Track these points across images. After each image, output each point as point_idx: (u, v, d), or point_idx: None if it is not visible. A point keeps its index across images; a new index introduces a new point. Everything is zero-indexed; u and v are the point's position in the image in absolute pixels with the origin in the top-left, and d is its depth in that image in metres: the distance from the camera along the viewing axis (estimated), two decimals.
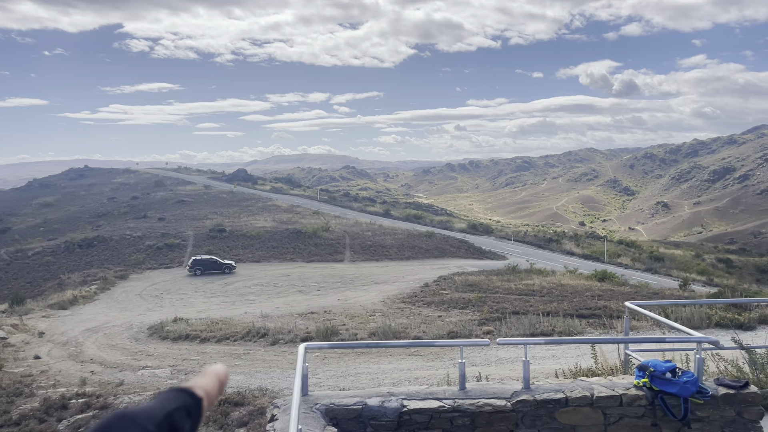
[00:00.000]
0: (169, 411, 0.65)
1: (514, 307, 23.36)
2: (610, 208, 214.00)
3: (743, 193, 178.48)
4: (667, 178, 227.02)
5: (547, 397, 4.36)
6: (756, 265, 71.26)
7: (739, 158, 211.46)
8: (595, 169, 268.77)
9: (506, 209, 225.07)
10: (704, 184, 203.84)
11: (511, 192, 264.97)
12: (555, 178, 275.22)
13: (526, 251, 55.75)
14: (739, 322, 14.48)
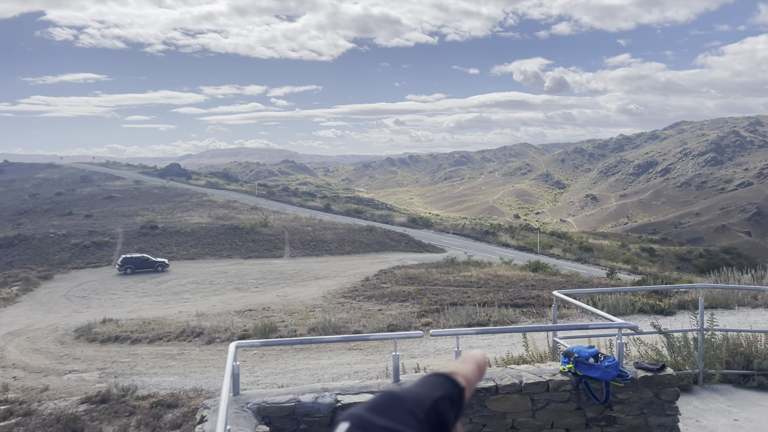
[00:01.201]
0: (436, 399, 0.62)
1: (453, 299, 23.80)
2: (543, 201, 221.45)
3: (665, 185, 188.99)
4: (596, 172, 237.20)
5: (479, 385, 4.45)
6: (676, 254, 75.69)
7: (661, 153, 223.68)
8: (529, 164, 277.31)
9: (445, 203, 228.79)
10: (629, 178, 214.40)
11: (450, 186, 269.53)
12: (491, 172, 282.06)
13: (465, 244, 56.87)
14: (660, 307, 15.28)
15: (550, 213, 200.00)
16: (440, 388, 0.63)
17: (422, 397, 0.61)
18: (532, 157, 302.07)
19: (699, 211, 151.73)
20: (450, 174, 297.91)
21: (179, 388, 12.73)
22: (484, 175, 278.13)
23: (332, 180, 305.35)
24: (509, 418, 4.46)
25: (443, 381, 0.65)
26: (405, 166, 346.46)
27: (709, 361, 7.89)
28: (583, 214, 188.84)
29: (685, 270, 55.38)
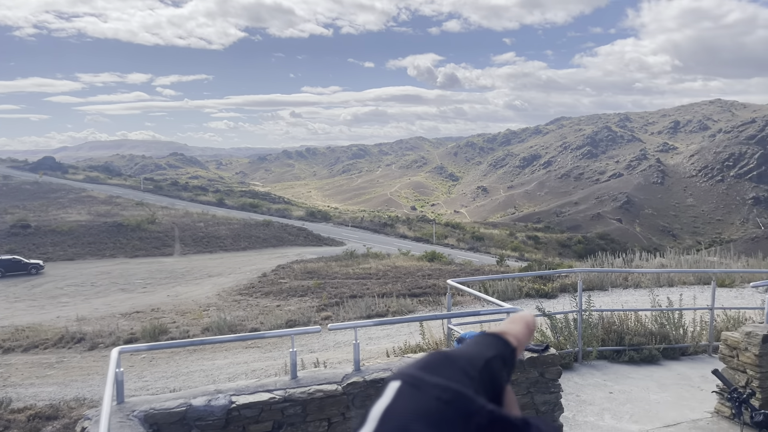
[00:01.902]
0: (489, 358, 0.60)
1: (352, 291, 23.92)
2: (438, 193, 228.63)
3: (547, 177, 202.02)
4: (486, 165, 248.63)
5: (376, 376, 4.49)
6: (558, 241, 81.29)
7: (544, 146, 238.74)
8: (424, 157, 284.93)
9: (344, 196, 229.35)
10: (516, 170, 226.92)
11: (348, 179, 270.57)
12: (388, 165, 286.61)
13: (363, 236, 57.37)
14: (544, 291, 16.32)
15: (444, 204, 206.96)
16: (492, 348, 0.62)
17: (474, 356, 0.59)
18: (427, 150, 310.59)
19: (577, 201, 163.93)
20: (348, 167, 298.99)
21: (59, 399, 11.77)
22: (381, 168, 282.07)
23: (226, 173, 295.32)
24: None
25: (494, 341, 0.63)
26: (302, 158, 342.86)
27: (587, 340, 8.53)
28: (475, 205, 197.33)
29: (566, 255, 59.34)
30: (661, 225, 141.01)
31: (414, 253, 40.10)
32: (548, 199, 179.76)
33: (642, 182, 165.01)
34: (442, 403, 0.52)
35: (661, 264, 19.37)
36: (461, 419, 0.52)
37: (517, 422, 0.53)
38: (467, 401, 0.53)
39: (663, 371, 8.11)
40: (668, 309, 9.19)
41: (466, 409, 0.53)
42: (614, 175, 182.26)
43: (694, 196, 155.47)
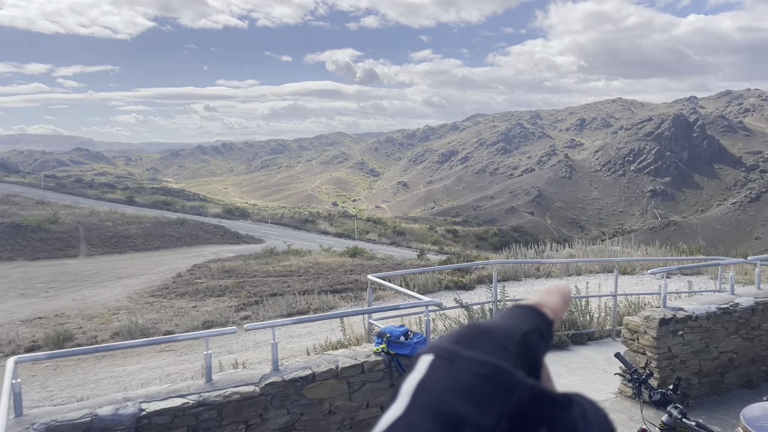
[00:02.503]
0: (526, 331, 0.56)
1: (273, 289, 23.48)
2: (359, 189, 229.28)
3: (465, 172, 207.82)
4: (406, 161, 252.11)
5: (296, 375, 4.42)
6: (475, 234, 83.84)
7: (461, 142, 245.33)
8: (345, 152, 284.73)
9: (263, 192, 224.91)
10: (435, 165, 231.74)
11: (267, 175, 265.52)
12: (308, 160, 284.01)
13: (284, 233, 56.53)
14: (462, 283, 16.76)
15: (366, 200, 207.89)
16: (528, 321, 0.58)
17: (511, 329, 0.55)
18: (348, 145, 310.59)
19: (493, 195, 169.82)
20: (267, 162, 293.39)
21: None
22: (301, 164, 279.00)
23: (135, 170, 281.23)
24: (327, 404, 4.50)
25: (530, 313, 0.59)
26: (218, 154, 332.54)
27: None
28: (396, 200, 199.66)
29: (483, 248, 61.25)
30: (569, 217, 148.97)
31: (336, 249, 39.97)
32: (466, 193, 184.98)
33: (552, 177, 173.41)
34: (480, 377, 0.49)
35: (569, 254, 20.42)
36: (501, 394, 0.48)
37: (560, 398, 0.50)
38: (507, 376, 0.50)
39: (572, 356, 8.54)
40: (576, 297, 9.70)
41: (506, 383, 0.49)
42: (527, 170, 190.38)
43: (599, 189, 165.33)
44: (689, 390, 6.83)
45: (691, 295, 10.47)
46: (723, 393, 7.03)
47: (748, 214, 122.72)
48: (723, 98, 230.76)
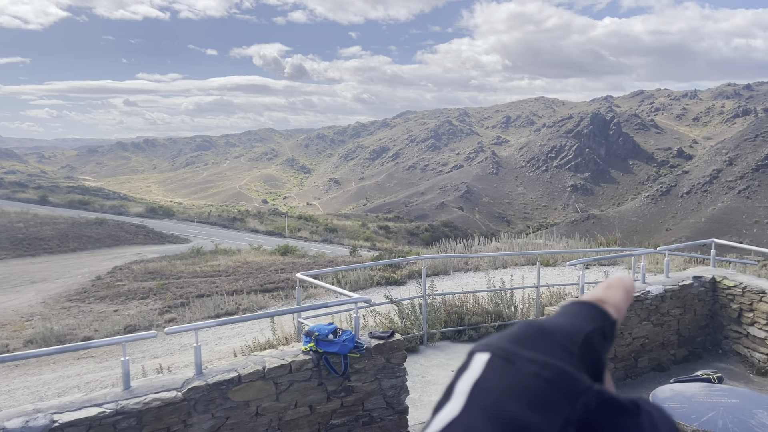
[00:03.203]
0: (588, 332, 0.52)
1: (200, 290, 22.80)
2: (289, 186, 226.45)
3: (396, 169, 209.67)
4: (337, 157, 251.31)
5: (220, 378, 4.30)
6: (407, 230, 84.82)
7: (392, 139, 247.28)
8: (275, 149, 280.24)
9: (188, 190, 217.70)
10: (366, 162, 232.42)
11: (193, 172, 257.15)
12: (236, 157, 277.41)
13: (211, 232, 54.99)
14: (394, 279, 16.90)
15: (297, 197, 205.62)
16: (591, 320, 0.53)
17: (572, 329, 0.51)
18: (278, 142, 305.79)
19: (423, 191, 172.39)
20: (192, 159, 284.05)
21: None
22: (229, 161, 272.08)
23: (49, 168, 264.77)
24: (253, 406, 4.41)
25: (592, 312, 0.55)
26: (140, 151, 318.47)
27: (431, 323, 9.00)
28: (328, 197, 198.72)
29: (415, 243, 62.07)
30: (497, 212, 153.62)
31: (266, 247, 39.29)
32: (397, 189, 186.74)
33: (480, 173, 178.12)
34: (542, 380, 0.45)
35: (496, 248, 21.04)
36: (566, 400, 0.44)
37: (628, 405, 0.46)
38: (572, 380, 0.46)
39: None
40: (501, 289, 10.00)
41: (571, 388, 0.45)
42: (456, 167, 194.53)
43: (524, 185, 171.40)
44: None
45: None
46: (636, 376, 7.47)
47: (660, 207, 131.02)
48: (636, 97, 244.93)
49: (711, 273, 8.44)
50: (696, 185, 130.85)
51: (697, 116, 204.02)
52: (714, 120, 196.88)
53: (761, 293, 7.60)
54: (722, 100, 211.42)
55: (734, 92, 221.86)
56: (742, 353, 7.84)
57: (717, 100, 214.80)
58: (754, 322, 7.67)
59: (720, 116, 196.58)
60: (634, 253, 10.44)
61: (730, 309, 7.99)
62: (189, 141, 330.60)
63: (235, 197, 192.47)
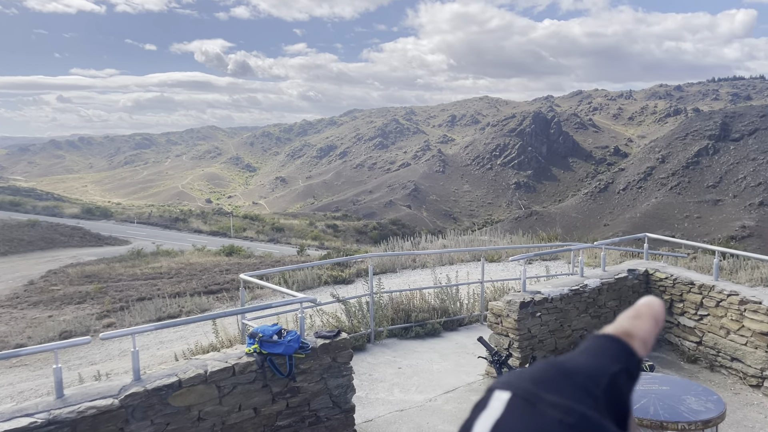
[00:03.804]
0: (613, 374, 0.49)
1: (141, 293, 22.11)
2: (234, 185, 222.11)
3: (344, 167, 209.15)
4: (284, 155, 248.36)
5: (160, 384, 4.17)
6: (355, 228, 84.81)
7: (339, 137, 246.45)
8: (218, 147, 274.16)
9: (127, 190, 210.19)
10: (314, 160, 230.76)
11: (132, 171, 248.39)
12: (178, 156, 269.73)
13: (152, 233, 53.31)
14: (342, 278, 16.84)
15: (242, 196, 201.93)
16: (615, 359, 0.50)
17: (596, 370, 0.48)
18: (221, 140, 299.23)
19: (371, 189, 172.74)
20: (132, 158, 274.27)
21: None
22: (170, 159, 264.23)
23: None
24: (195, 411, 4.30)
25: (617, 348, 0.51)
26: (75, 149, 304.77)
27: (378, 321, 9.02)
28: (274, 196, 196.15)
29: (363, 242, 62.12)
30: (444, 209, 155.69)
31: (210, 248, 38.43)
32: (345, 188, 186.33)
33: (427, 171, 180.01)
34: (565, 427, 0.42)
35: (443, 245, 21.32)
36: None
37: None
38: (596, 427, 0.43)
39: (444, 342, 8.93)
40: (447, 285, 10.14)
41: None
42: (403, 165, 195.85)
43: (469, 182, 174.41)
44: None
45: (549, 279, 11.40)
46: None
47: (598, 203, 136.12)
48: (575, 97, 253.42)
49: (644, 266, 8.84)
50: (631, 182, 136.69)
51: (632, 116, 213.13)
52: (648, 119, 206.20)
53: (690, 284, 8.01)
54: (655, 101, 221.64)
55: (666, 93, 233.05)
56: (673, 342, 8.25)
57: (650, 100, 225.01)
58: (684, 312, 8.08)
59: (653, 116, 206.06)
60: (573, 248, 10.81)
61: (662, 300, 8.37)
62: (128, 139, 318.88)
63: (177, 197, 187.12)
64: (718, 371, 7.58)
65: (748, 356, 7.18)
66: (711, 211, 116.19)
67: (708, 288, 7.75)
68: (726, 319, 7.47)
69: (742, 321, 7.25)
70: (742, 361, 7.27)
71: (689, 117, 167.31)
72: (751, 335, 7.14)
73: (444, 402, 6.63)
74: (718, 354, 7.61)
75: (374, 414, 6.26)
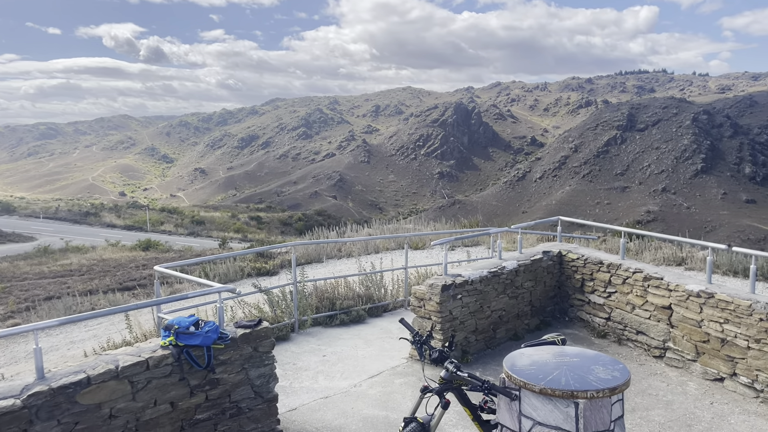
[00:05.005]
0: None
1: (48, 292, 20.81)
2: (150, 177, 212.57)
3: (266, 157, 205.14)
4: (203, 146, 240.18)
5: (66, 381, 3.91)
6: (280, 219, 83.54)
7: (261, 127, 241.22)
8: (132, 137, 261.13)
9: (32, 183, 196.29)
10: (235, 151, 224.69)
11: (37, 163, 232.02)
12: (88, 146, 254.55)
13: (61, 228, 50.16)
14: (266, 270, 16.56)
15: (159, 188, 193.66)
16: None
17: None
18: (135, 130, 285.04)
19: (296, 180, 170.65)
20: (36, 149, 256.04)
21: None
22: (79, 150, 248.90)
23: None
24: (106, 408, 4.08)
25: None
26: None
27: (302, 310, 8.94)
28: (194, 188, 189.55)
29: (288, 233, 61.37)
30: (369, 200, 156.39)
31: (125, 243, 36.68)
32: (269, 179, 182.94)
33: (352, 161, 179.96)
34: None
35: (368, 234, 21.41)
36: None
37: None
38: None
39: (369, 329, 8.98)
40: (371, 272, 10.19)
41: None
42: (328, 155, 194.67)
43: (394, 173, 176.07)
44: (468, 347, 7.63)
45: (470, 263, 11.71)
46: (495, 346, 8.00)
47: (517, 192, 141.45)
48: (494, 89, 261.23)
49: (558, 248, 9.26)
50: (547, 171, 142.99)
51: (547, 107, 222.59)
52: (561, 110, 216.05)
53: (599, 264, 8.48)
54: (568, 92, 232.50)
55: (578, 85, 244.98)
56: (585, 319, 8.71)
57: (564, 92, 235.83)
58: (594, 290, 8.55)
59: (566, 107, 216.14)
60: (491, 231, 11.16)
61: (575, 279, 8.83)
62: (31, 129, 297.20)
63: (87, 190, 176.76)
64: (625, 344, 8.09)
65: (652, 329, 7.71)
66: (619, 197, 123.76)
67: (615, 266, 8.23)
68: (632, 296, 7.98)
69: (646, 296, 7.77)
70: (646, 334, 7.80)
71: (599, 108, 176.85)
72: (654, 309, 7.66)
73: (369, 387, 6.67)
74: (624, 328, 8.11)
75: (299, 402, 6.21)
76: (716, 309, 6.81)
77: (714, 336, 6.86)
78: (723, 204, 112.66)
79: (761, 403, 6.35)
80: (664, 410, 6.23)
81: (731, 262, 12.32)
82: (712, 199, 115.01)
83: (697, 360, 7.11)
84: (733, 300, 6.62)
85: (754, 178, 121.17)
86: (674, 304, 7.38)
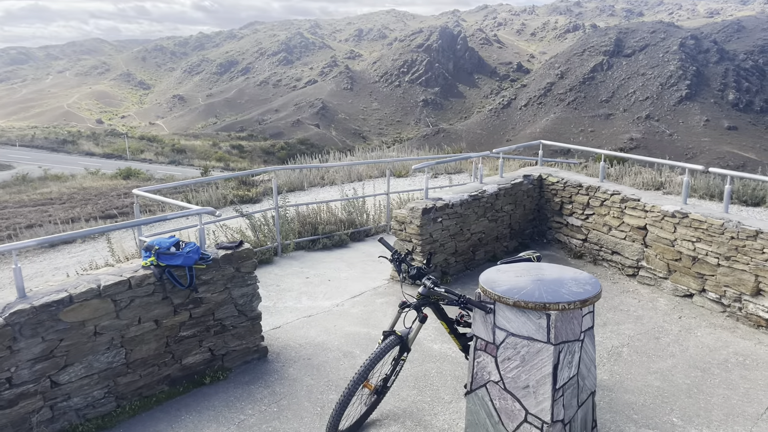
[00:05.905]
0: None
1: (29, 221, 20.69)
2: (127, 104, 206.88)
3: (246, 84, 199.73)
4: (180, 71, 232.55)
5: (48, 300, 3.96)
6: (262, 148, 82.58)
7: (240, 52, 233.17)
8: (106, 62, 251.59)
9: (6, 110, 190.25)
10: (214, 77, 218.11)
11: (9, 89, 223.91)
12: (61, 72, 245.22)
13: (39, 156, 49.19)
14: (248, 197, 16.53)
15: (137, 116, 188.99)
16: None
17: None
18: (109, 54, 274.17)
19: (278, 108, 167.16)
20: (7, 75, 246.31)
21: None
22: (52, 76, 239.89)
23: None
24: (90, 325, 4.15)
25: None
26: None
27: (285, 234, 9.00)
28: (173, 116, 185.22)
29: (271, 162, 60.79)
30: (353, 128, 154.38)
31: (105, 171, 36.19)
32: (249, 107, 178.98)
33: (334, 88, 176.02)
34: None
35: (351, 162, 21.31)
36: None
37: None
38: None
39: (351, 252, 9.11)
40: (354, 198, 10.22)
41: None
42: (310, 82, 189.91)
43: (378, 100, 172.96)
44: (448, 269, 7.81)
45: (451, 188, 11.78)
46: (474, 268, 8.19)
47: (501, 120, 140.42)
48: (481, 12, 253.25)
49: (539, 171, 9.31)
50: (532, 98, 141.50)
51: (534, 31, 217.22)
52: (549, 35, 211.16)
53: (578, 186, 8.58)
54: (556, 16, 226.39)
55: (566, 8, 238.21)
56: (562, 240, 8.91)
57: (552, 15, 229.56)
58: (573, 213, 8.69)
59: (554, 31, 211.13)
60: (472, 156, 11.16)
61: (554, 202, 8.95)
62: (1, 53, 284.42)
63: (63, 117, 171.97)
64: (600, 264, 8.33)
65: (626, 249, 7.92)
66: (603, 125, 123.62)
67: (594, 189, 8.33)
68: (609, 217, 8.13)
69: (622, 218, 7.93)
70: (621, 254, 8.02)
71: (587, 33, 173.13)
72: (630, 230, 7.84)
73: (351, 306, 6.85)
74: (600, 249, 8.32)
75: (282, 321, 6.37)
76: (689, 228, 6.99)
77: (686, 254, 7.08)
78: (705, 131, 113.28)
79: (727, 317, 6.66)
80: (634, 324, 6.51)
81: (708, 185, 12.54)
82: (695, 126, 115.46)
83: (669, 278, 7.37)
84: (706, 219, 6.79)
85: (737, 105, 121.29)
86: (649, 224, 7.55)
